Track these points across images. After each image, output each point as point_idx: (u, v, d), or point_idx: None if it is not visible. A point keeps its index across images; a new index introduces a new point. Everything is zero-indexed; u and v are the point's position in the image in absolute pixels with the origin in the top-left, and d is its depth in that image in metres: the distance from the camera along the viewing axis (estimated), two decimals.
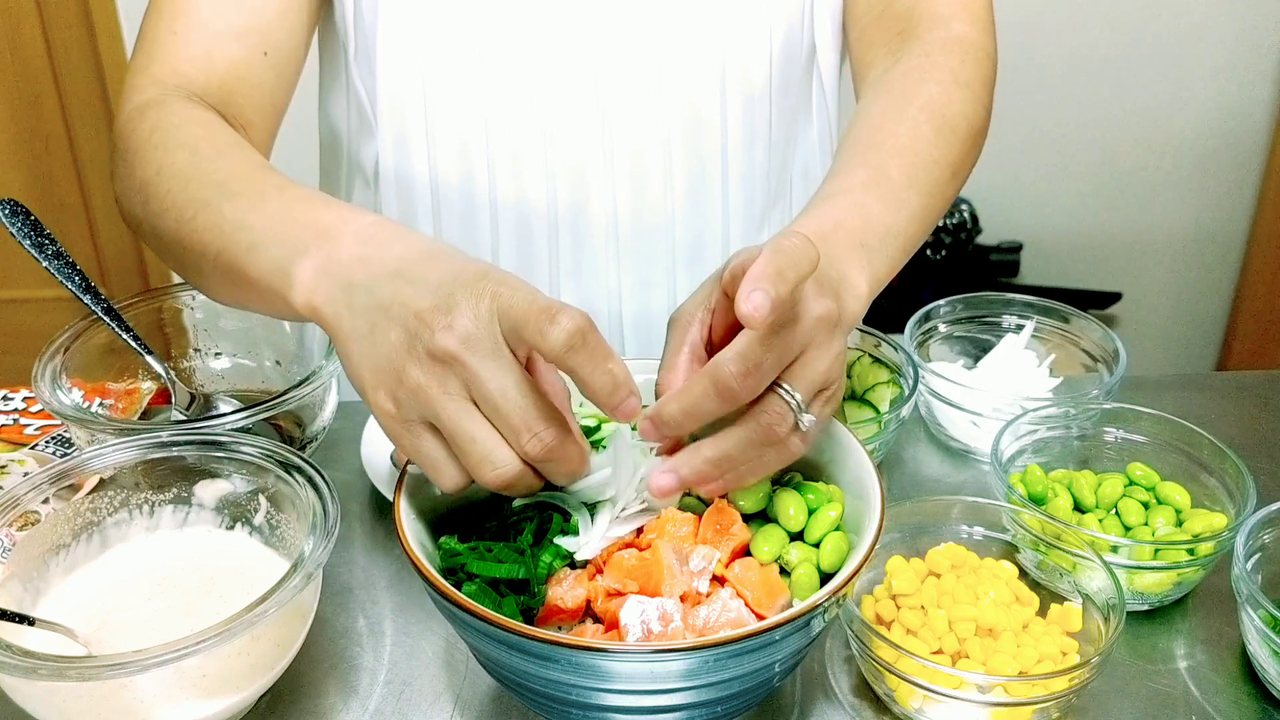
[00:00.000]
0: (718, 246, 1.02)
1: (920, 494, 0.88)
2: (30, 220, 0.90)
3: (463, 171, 0.97)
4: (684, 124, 0.96)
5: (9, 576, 0.70)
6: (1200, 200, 2.48)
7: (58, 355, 0.88)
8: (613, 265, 1.01)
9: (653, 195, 0.98)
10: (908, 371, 0.91)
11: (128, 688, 0.63)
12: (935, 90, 0.87)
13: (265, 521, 0.76)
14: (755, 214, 1.03)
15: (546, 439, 0.61)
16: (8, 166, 2.56)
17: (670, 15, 0.93)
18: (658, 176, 0.97)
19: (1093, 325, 1.00)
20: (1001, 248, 2.43)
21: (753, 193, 1.01)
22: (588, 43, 0.92)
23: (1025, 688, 0.66)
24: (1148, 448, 0.86)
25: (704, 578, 0.65)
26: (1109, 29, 2.31)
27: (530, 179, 0.96)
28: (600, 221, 0.98)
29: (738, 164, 0.99)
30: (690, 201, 0.99)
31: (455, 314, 0.60)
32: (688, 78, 0.94)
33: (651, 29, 0.93)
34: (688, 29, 0.93)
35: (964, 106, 0.87)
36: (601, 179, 0.97)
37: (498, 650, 0.60)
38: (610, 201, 0.97)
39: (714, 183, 0.99)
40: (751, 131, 0.98)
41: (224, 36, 0.89)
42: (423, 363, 0.61)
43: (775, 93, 0.98)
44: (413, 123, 0.96)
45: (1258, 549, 0.75)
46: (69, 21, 2.39)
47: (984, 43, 0.93)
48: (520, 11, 0.92)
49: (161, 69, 0.88)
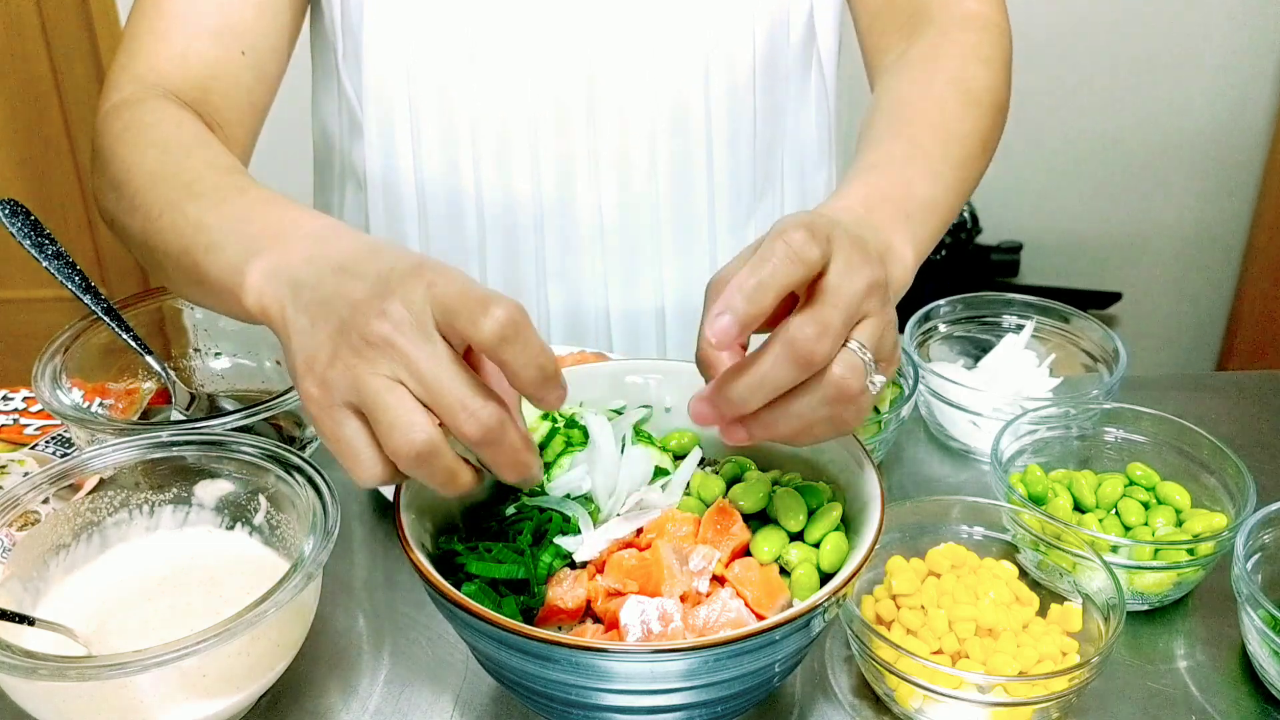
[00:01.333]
0: (704, 241, 1.03)
1: (920, 494, 0.88)
2: (30, 220, 0.90)
3: (449, 170, 0.97)
4: (668, 116, 0.96)
5: (9, 576, 0.70)
6: (1200, 200, 2.48)
7: (58, 355, 0.88)
8: (599, 261, 1.01)
9: (638, 187, 0.98)
10: (908, 371, 0.91)
11: (128, 688, 0.63)
12: (957, 65, 0.87)
13: (265, 521, 0.76)
14: (741, 208, 1.03)
15: (483, 416, 0.58)
16: (8, 166, 2.56)
17: (653, 8, 0.93)
18: (643, 169, 0.98)
19: (1093, 325, 1.00)
20: (1001, 248, 2.43)
21: (739, 185, 1.02)
22: (572, 37, 0.93)
23: (1025, 688, 0.66)
24: (1148, 448, 0.86)
25: (704, 578, 0.65)
26: (1109, 29, 2.31)
27: (516, 176, 0.97)
28: (586, 217, 0.99)
29: (723, 156, 0.99)
30: (676, 193, 0.99)
31: (389, 300, 0.59)
32: (671, 70, 0.95)
33: (634, 22, 0.93)
34: (671, 22, 0.93)
35: (987, 80, 0.88)
36: (587, 173, 0.97)
37: (498, 650, 0.60)
38: (596, 196, 0.98)
39: (699, 175, 0.99)
40: (736, 124, 0.98)
41: (201, 35, 0.89)
42: (355, 347, 0.60)
43: (760, 85, 0.98)
44: (399, 122, 0.96)
45: (1258, 549, 0.75)
46: (69, 22, 2.39)
47: (998, 19, 0.93)
48: (505, 8, 0.92)
49: (141, 67, 0.89)
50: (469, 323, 0.58)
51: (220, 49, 0.90)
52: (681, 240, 1.02)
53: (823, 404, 0.61)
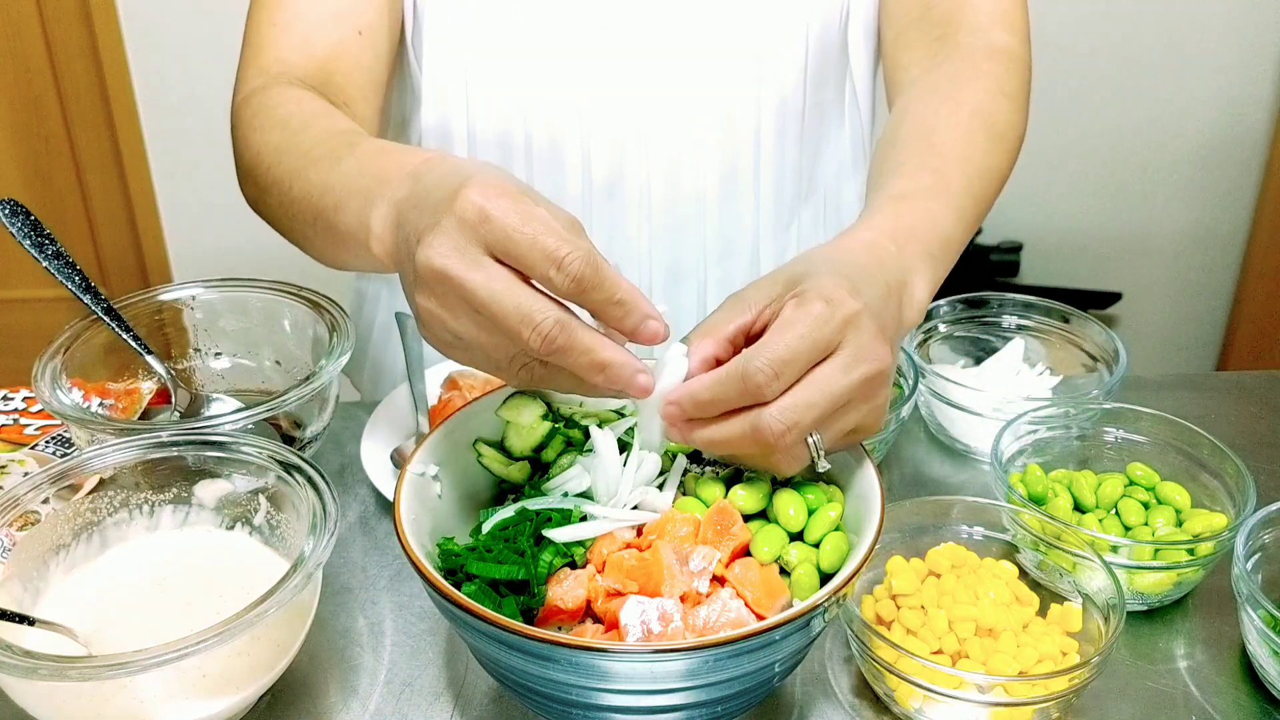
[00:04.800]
0: (749, 245, 1.04)
1: (920, 494, 0.88)
2: (30, 220, 0.90)
3: (501, 163, 0.98)
4: (720, 118, 0.98)
5: (9, 576, 0.70)
6: (1200, 200, 2.47)
7: (58, 355, 0.88)
8: (645, 259, 1.02)
9: (687, 188, 1.00)
10: (908, 371, 0.91)
11: (128, 688, 0.63)
12: (984, 98, 0.88)
13: (265, 521, 0.76)
14: (785, 210, 1.04)
15: (547, 327, 0.60)
16: (8, 166, 2.55)
17: (707, 12, 0.94)
18: (691, 170, 0.99)
19: (1093, 325, 1.00)
20: (1001, 248, 2.43)
21: (783, 187, 1.03)
22: (626, 38, 0.94)
23: (1025, 688, 0.66)
24: (1148, 448, 0.86)
25: (704, 578, 0.65)
26: (1109, 29, 2.31)
27: (568, 175, 0.98)
28: (633, 218, 1.00)
29: (770, 159, 1.01)
30: (723, 195, 1.01)
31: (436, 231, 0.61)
32: (723, 73, 0.96)
33: (688, 25, 0.95)
34: (724, 26, 0.95)
35: (1010, 116, 0.89)
36: (636, 169, 0.98)
37: (498, 650, 0.60)
38: (644, 192, 0.99)
39: (746, 177, 1.01)
40: (783, 128, 1.00)
41: (320, 22, 0.93)
42: (422, 286, 0.63)
43: (809, 91, 0.99)
44: (455, 113, 0.99)
45: (1258, 549, 0.75)
46: (69, 21, 2.39)
47: (1022, 54, 0.94)
48: (561, 9, 0.94)
49: (265, 59, 0.92)
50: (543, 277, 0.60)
51: (339, 32, 0.93)
52: (726, 244, 1.03)
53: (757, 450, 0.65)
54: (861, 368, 0.64)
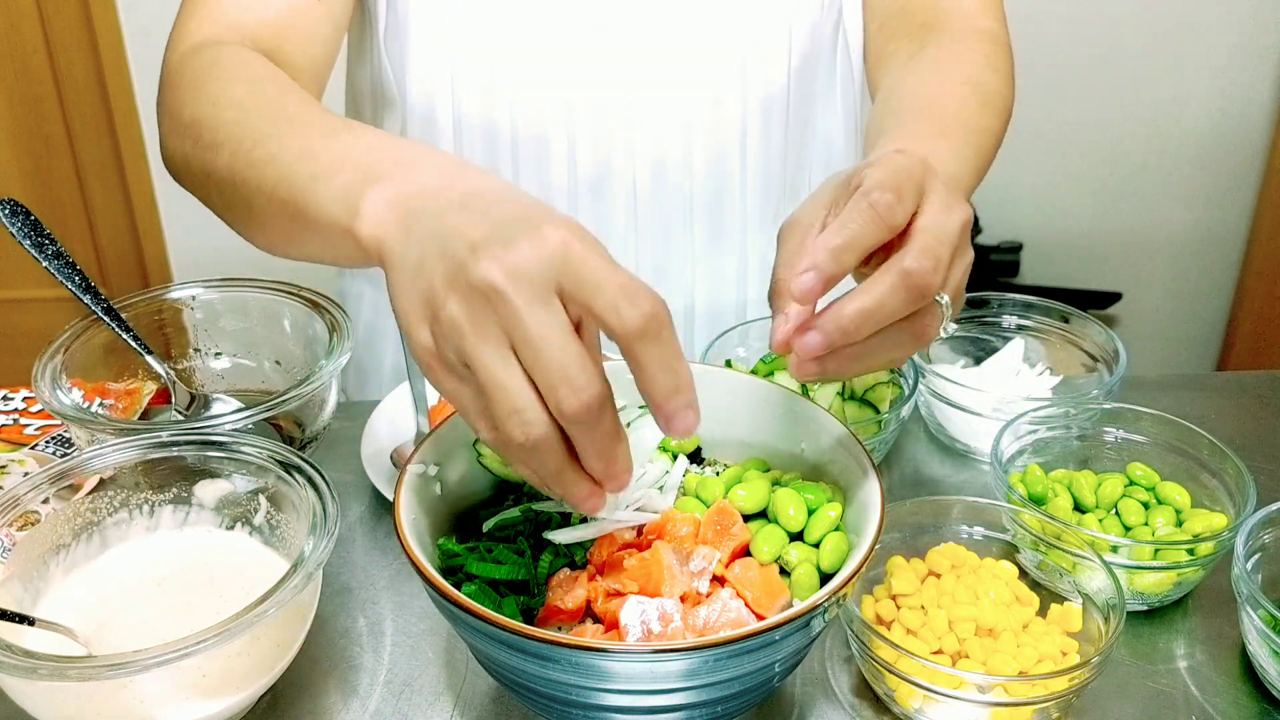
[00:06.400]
0: (736, 238, 1.04)
1: (920, 494, 0.88)
2: (30, 220, 0.90)
3: (487, 158, 0.98)
4: (705, 111, 0.97)
5: (9, 576, 0.70)
6: (1200, 200, 2.47)
7: (58, 355, 0.88)
8: (630, 254, 1.01)
9: (673, 181, 0.99)
10: (908, 371, 0.91)
11: (128, 688, 0.63)
12: (973, 70, 0.90)
13: (265, 521, 0.76)
14: (771, 206, 1.04)
15: (586, 396, 0.53)
16: (8, 166, 2.56)
17: (693, 12, 0.94)
18: (677, 163, 0.99)
19: (1093, 325, 1.00)
20: (1001, 248, 2.43)
21: (770, 184, 1.03)
22: (613, 31, 0.94)
23: (1025, 688, 0.66)
24: (1148, 448, 0.86)
25: (704, 578, 0.65)
26: (1109, 29, 2.31)
27: (554, 168, 0.98)
28: (621, 211, 1.00)
29: (756, 155, 1.01)
30: (709, 188, 1.00)
31: (511, 247, 0.54)
32: (709, 67, 0.96)
33: (675, 25, 0.95)
34: (709, 19, 0.95)
35: (1000, 87, 0.91)
36: (623, 166, 0.98)
37: (498, 650, 0.60)
38: (630, 189, 0.99)
39: (733, 169, 1.01)
40: (769, 123, 1.00)
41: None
42: (463, 293, 0.54)
43: (795, 88, 1.00)
44: (441, 109, 0.97)
45: (1258, 549, 0.75)
46: (69, 22, 2.39)
47: (1005, 38, 0.97)
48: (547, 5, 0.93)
49: (214, 10, 0.87)
50: (610, 308, 0.53)
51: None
52: (713, 237, 1.03)
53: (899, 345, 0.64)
54: (955, 211, 0.65)
